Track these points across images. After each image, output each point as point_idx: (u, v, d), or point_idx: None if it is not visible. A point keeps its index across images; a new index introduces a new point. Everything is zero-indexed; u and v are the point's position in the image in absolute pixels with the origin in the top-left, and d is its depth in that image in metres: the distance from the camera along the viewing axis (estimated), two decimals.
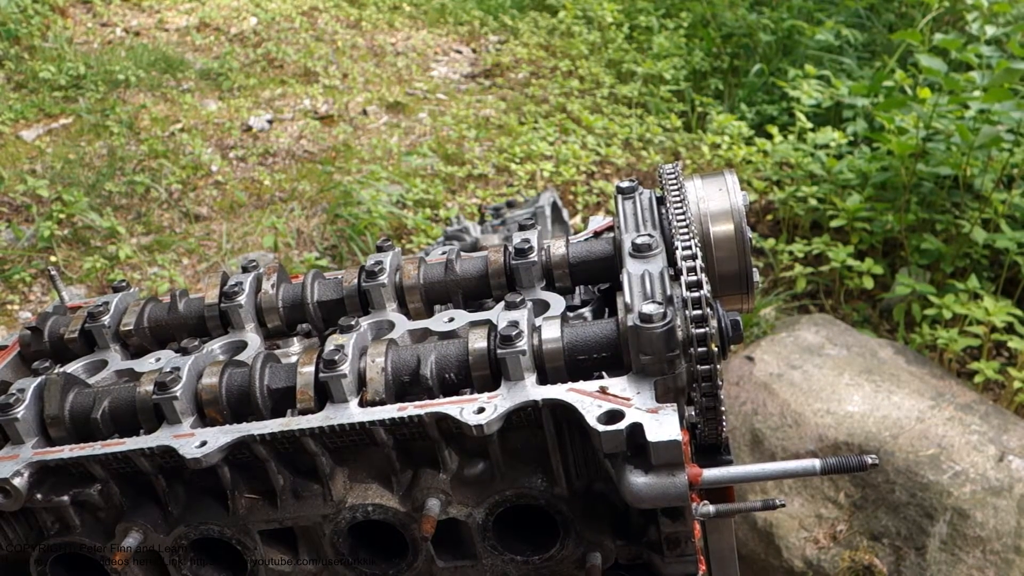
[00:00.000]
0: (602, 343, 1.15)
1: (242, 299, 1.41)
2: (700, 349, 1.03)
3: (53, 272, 1.62)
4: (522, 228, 1.44)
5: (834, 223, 4.61)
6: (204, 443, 1.09)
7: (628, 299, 1.13)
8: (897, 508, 2.92)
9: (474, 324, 1.26)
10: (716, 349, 1.02)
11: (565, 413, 1.05)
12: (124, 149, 5.59)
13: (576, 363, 1.15)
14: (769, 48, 6.64)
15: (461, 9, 8.07)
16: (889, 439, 3.03)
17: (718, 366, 1.03)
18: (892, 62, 5.74)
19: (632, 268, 1.19)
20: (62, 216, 4.92)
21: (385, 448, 1.13)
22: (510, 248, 1.39)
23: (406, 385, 1.16)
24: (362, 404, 1.12)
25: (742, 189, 1.38)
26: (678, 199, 1.30)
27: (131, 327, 1.43)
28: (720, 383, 1.04)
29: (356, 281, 1.42)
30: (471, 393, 1.12)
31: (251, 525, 1.17)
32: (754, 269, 1.35)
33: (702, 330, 1.03)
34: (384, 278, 1.39)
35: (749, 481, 1.00)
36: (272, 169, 5.69)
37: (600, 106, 6.42)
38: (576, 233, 1.52)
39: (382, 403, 1.12)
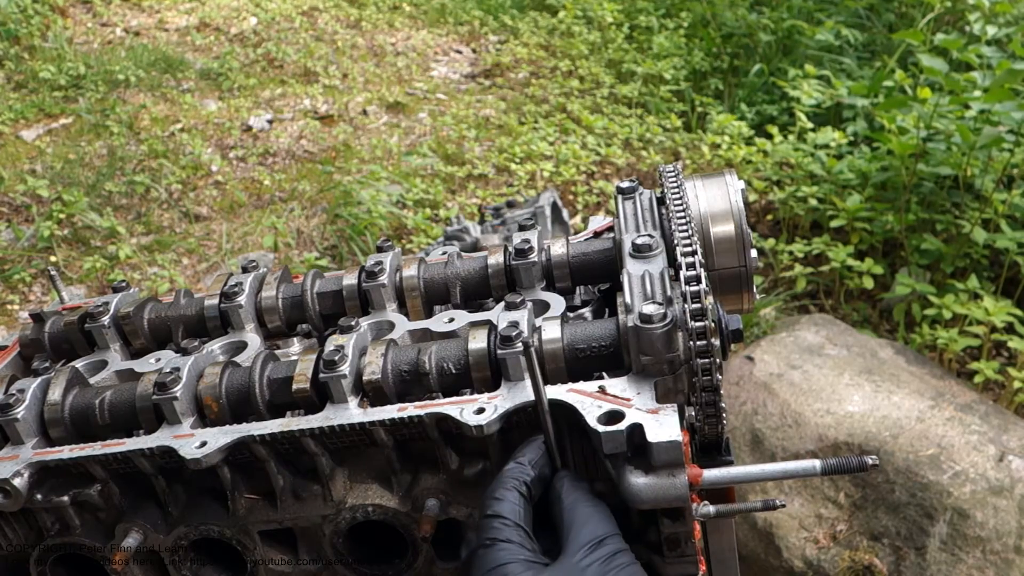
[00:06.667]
0: (602, 343, 1.14)
1: (242, 299, 1.40)
2: (700, 343, 1.03)
3: (53, 272, 1.62)
4: (522, 228, 1.44)
5: (834, 223, 4.61)
6: (204, 443, 1.09)
7: (628, 299, 1.13)
8: (897, 508, 2.91)
9: (474, 324, 1.26)
10: (716, 343, 1.02)
11: (565, 414, 1.05)
12: (124, 149, 5.59)
13: (576, 363, 1.15)
14: (769, 48, 6.63)
15: (461, 9, 8.06)
16: (889, 439, 3.03)
17: (718, 360, 1.03)
18: (892, 62, 5.74)
19: (632, 268, 1.19)
20: (62, 216, 4.92)
21: (385, 448, 1.13)
22: (510, 248, 1.39)
23: (406, 385, 1.16)
24: (362, 404, 1.12)
25: (742, 188, 1.37)
26: (678, 199, 1.30)
27: (130, 322, 1.42)
28: (720, 377, 1.04)
29: (356, 281, 1.41)
30: (471, 393, 1.12)
31: (251, 525, 1.17)
32: (753, 257, 1.35)
33: (701, 324, 1.02)
34: (384, 278, 1.39)
35: (749, 482, 0.99)
36: (272, 169, 5.69)
37: (600, 106, 6.42)
38: (576, 233, 1.52)
39: (382, 403, 1.12)
